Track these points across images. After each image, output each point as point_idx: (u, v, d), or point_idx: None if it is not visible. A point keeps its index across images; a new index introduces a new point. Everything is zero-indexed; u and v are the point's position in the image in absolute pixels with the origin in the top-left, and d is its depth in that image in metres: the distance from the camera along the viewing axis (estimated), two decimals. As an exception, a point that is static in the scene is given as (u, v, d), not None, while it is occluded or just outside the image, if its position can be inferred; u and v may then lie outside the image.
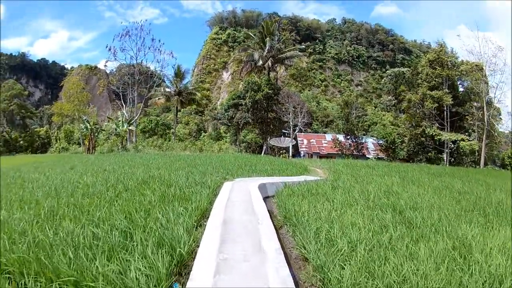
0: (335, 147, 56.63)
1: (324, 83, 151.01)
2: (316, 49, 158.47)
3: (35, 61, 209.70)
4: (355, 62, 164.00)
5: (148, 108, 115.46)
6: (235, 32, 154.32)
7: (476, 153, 51.27)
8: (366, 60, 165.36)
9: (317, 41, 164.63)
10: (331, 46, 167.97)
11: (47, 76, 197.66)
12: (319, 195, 12.17)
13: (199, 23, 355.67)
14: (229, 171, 18.88)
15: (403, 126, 59.77)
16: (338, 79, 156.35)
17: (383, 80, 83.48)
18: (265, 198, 12.39)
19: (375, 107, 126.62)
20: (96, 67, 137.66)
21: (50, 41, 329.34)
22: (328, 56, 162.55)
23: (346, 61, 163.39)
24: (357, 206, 10.01)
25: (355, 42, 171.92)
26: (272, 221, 8.11)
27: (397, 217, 8.82)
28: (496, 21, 77.46)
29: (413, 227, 7.92)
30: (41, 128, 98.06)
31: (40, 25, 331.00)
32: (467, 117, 51.64)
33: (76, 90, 78.98)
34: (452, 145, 49.35)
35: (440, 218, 8.83)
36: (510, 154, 56.24)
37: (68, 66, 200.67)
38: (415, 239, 6.88)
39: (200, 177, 14.63)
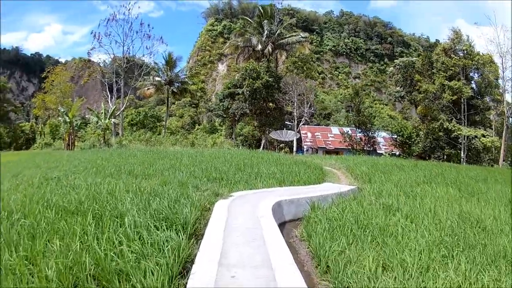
0: (344, 142, 51.66)
1: (321, 75, 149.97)
2: (314, 42, 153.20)
3: (29, 55, 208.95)
4: (353, 55, 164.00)
5: (141, 101, 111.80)
6: (231, 23, 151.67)
7: (494, 150, 48.66)
8: (364, 53, 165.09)
9: (314, 33, 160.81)
10: (329, 39, 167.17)
11: (40, 70, 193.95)
12: (376, 228, 8.00)
13: (195, 16, 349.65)
14: (223, 177, 14.46)
15: (417, 119, 55.24)
16: (336, 72, 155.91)
17: (389, 70, 79.55)
18: (281, 226, 9.10)
19: (374, 100, 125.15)
20: (89, 60, 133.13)
21: (44, 36, 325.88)
22: (326, 49, 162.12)
23: (344, 53, 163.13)
24: (454, 257, 6.39)
25: (353, 35, 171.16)
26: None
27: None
28: (494, 16, 74.37)
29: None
30: (27, 123, 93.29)
31: (34, 20, 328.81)
32: (485, 111, 48.34)
33: (59, 81, 74.21)
34: (465, 141, 45.56)
35: None
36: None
37: (62, 60, 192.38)
38: None
39: (176, 194, 9.57)
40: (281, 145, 62.59)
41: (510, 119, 48.41)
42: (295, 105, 55.31)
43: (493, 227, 8.68)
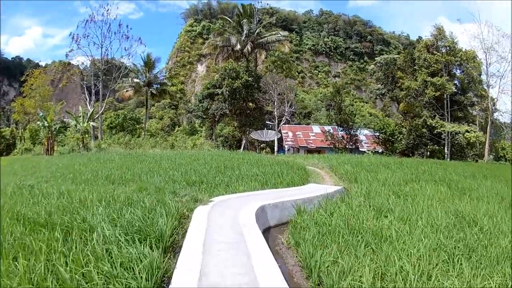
0: (326, 140, 51.12)
1: (301, 74, 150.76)
2: (293, 41, 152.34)
3: (10, 59, 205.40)
4: (332, 54, 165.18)
5: (120, 103, 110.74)
6: (210, 24, 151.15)
7: (479, 145, 48.45)
8: (344, 52, 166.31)
9: (293, 32, 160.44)
10: (308, 38, 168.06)
11: (21, 74, 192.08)
12: (369, 233, 7.55)
13: (174, 17, 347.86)
14: (203, 180, 13.99)
15: (400, 116, 55.13)
16: (315, 71, 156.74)
17: (371, 68, 79.72)
18: (266, 232, 8.76)
19: (354, 98, 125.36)
20: (69, 63, 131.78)
21: (25, 39, 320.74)
22: (305, 48, 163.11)
23: (324, 52, 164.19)
24: (455, 262, 6.04)
25: (332, 34, 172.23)
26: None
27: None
28: (479, 14, 74.95)
29: None
30: (7, 128, 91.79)
31: (15, 23, 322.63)
32: (469, 106, 48.42)
33: (38, 84, 72.81)
34: (449, 137, 45.55)
35: None
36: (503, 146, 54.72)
37: (42, 63, 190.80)
38: None
39: (152, 202, 8.97)
40: (262, 145, 62.18)
41: (494, 114, 48.54)
42: (275, 104, 54.66)
43: (490, 227, 8.30)
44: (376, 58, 68.55)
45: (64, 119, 58.82)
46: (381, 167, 20.34)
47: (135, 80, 65.74)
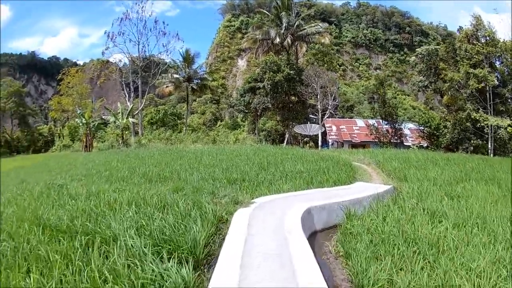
0: (370, 134, 50.02)
1: (342, 67, 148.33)
2: (332, 34, 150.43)
3: (46, 59, 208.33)
4: (372, 46, 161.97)
5: (162, 99, 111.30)
6: (248, 18, 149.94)
7: None
8: (383, 43, 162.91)
9: (332, 25, 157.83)
10: (347, 30, 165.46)
11: (58, 73, 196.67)
12: (425, 243, 6.68)
13: (211, 13, 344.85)
14: (245, 178, 13.08)
15: (444, 109, 53.42)
16: (356, 63, 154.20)
17: (412, 59, 78.09)
18: (312, 237, 8.01)
19: (395, 91, 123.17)
20: (108, 61, 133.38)
21: (60, 39, 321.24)
22: (345, 40, 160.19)
23: (364, 44, 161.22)
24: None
25: (371, 25, 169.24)
26: None
27: None
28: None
29: None
30: (45, 126, 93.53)
31: (49, 24, 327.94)
32: (510, 100, 46.29)
33: (76, 82, 74.01)
34: (492, 132, 43.78)
35: None
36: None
37: (80, 62, 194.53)
38: None
39: (187, 206, 8.04)
40: (305, 139, 60.69)
41: None
42: (318, 97, 53.07)
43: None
44: (416, 50, 66.98)
45: (104, 116, 59.06)
46: (429, 164, 19.15)
47: (175, 75, 65.82)
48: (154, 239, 5.69)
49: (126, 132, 49.27)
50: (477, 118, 42.72)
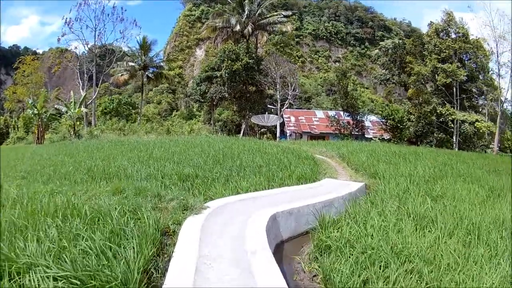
0: (330, 126, 49.73)
1: (301, 59, 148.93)
2: (293, 25, 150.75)
3: (7, 48, 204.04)
4: (333, 39, 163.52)
5: (118, 88, 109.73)
6: (209, 8, 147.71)
7: (487, 136, 48.47)
8: (344, 37, 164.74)
9: (294, 16, 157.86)
10: (309, 23, 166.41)
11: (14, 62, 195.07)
12: (418, 257, 5.79)
13: (174, 2, 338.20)
14: (198, 174, 11.74)
15: (408, 103, 53.90)
16: (315, 55, 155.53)
17: (375, 52, 78.47)
18: (278, 249, 6.92)
19: (354, 84, 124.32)
20: (66, 49, 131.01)
21: (22, 27, 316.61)
22: (305, 32, 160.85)
23: (324, 37, 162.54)
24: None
25: (333, 19, 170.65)
26: None
27: None
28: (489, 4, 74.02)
29: None
30: (1, 117, 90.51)
31: (12, 13, 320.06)
32: (478, 96, 48.39)
33: (31, 71, 71.36)
34: (457, 126, 45.16)
35: None
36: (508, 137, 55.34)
37: (40, 51, 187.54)
38: None
39: (122, 218, 6.37)
40: (262, 130, 60.59)
41: (504, 104, 47.37)
42: (278, 87, 52.64)
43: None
44: (380, 43, 67.30)
45: (57, 106, 57.38)
46: (397, 158, 18.30)
47: (130, 63, 63.57)
48: (74, 271, 4.22)
49: (78, 123, 47.37)
50: (443, 112, 43.91)
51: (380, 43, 65.92)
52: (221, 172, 12.14)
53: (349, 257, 5.71)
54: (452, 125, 44.57)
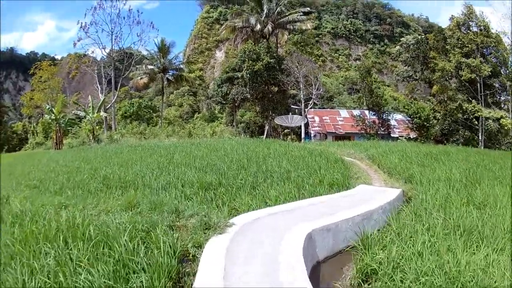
0: (356, 125, 48.42)
1: (321, 58, 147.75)
2: (313, 24, 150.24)
3: (24, 55, 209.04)
4: (352, 37, 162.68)
5: (139, 92, 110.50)
6: (226, 9, 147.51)
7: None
8: (363, 34, 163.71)
9: (312, 14, 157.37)
10: (327, 21, 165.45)
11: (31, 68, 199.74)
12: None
13: (191, 5, 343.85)
14: (221, 181, 10.89)
15: (433, 100, 53.13)
16: (335, 54, 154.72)
17: (396, 49, 77.23)
18: (314, 271, 5.91)
19: (376, 81, 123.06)
20: (85, 54, 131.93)
21: (38, 34, 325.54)
22: (324, 31, 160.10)
23: (343, 35, 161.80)
24: None
25: (351, 16, 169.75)
26: None
27: None
28: None
29: None
30: (19, 123, 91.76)
31: (28, 19, 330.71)
32: (501, 92, 46.65)
33: (48, 77, 70.63)
34: (483, 123, 43.67)
35: None
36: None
37: (58, 56, 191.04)
38: None
39: (134, 234, 5.56)
40: (285, 131, 59.59)
41: None
42: (301, 86, 51.75)
43: None
44: (401, 39, 65.89)
45: (76, 111, 57.15)
46: (430, 159, 17.13)
47: (150, 66, 63.55)
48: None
49: (97, 127, 47.14)
50: (469, 109, 42.29)
51: (401, 39, 64.74)
52: (246, 178, 11.29)
53: (400, 287, 4.87)
54: (476, 123, 43.32)
